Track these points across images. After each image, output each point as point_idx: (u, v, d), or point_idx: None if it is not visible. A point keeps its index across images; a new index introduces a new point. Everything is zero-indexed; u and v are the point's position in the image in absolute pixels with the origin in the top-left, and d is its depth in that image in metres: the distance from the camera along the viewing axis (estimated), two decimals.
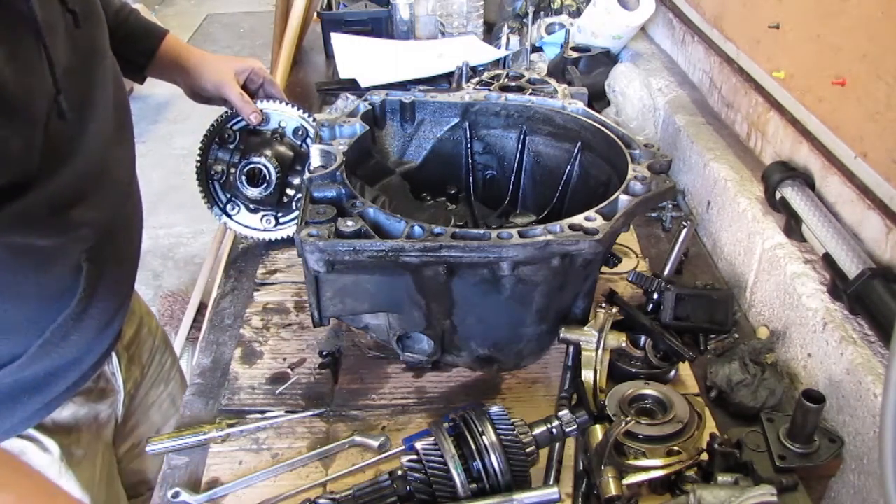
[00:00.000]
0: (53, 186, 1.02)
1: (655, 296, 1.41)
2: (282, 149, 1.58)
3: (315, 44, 2.97)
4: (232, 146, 1.60)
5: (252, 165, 1.57)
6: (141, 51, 1.46)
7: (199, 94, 1.56)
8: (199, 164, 1.62)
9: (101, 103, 1.15)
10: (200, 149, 1.61)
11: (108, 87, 1.18)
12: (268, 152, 1.56)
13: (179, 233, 4.24)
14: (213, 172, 1.62)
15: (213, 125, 1.61)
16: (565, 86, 1.72)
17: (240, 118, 1.58)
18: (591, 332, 1.29)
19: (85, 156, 1.09)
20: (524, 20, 2.59)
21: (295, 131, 1.60)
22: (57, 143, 1.01)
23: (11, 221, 0.98)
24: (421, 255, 1.12)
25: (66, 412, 1.27)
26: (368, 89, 2.24)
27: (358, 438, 1.24)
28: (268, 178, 1.56)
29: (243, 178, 1.58)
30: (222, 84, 1.51)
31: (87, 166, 1.10)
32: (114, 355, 1.39)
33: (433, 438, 1.05)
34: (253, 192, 1.59)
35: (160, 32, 1.53)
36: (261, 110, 1.56)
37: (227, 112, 1.59)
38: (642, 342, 1.35)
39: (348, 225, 1.13)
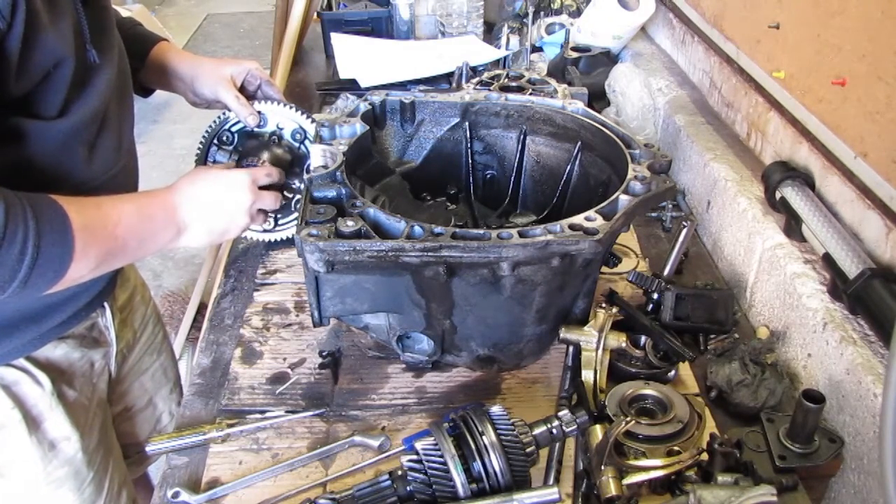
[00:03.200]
0: (64, 125, 1.12)
1: (655, 296, 1.41)
2: (279, 151, 1.57)
3: (315, 44, 2.97)
4: (230, 148, 1.60)
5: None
6: (133, 54, 1.47)
7: (198, 99, 1.57)
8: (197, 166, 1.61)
9: (108, 61, 1.21)
10: (199, 150, 1.61)
11: (114, 50, 1.24)
12: (265, 155, 1.55)
13: None
14: None
15: (210, 127, 1.61)
16: (565, 86, 1.72)
17: (237, 120, 1.58)
18: (591, 332, 1.29)
19: (93, 101, 1.16)
20: (524, 20, 2.59)
21: (293, 133, 1.60)
22: (77, 85, 1.12)
23: (21, 159, 1.09)
24: (421, 255, 1.12)
25: (59, 351, 1.32)
26: (368, 89, 2.25)
27: (358, 438, 1.24)
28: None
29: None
30: (218, 87, 1.52)
31: (91, 113, 1.17)
32: (108, 310, 1.43)
33: (433, 438, 1.05)
34: None
35: (153, 38, 1.55)
36: (258, 112, 1.56)
37: (224, 114, 1.59)
38: (642, 342, 1.35)
39: (348, 225, 1.13)
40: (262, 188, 1.34)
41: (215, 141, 1.61)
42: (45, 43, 1.04)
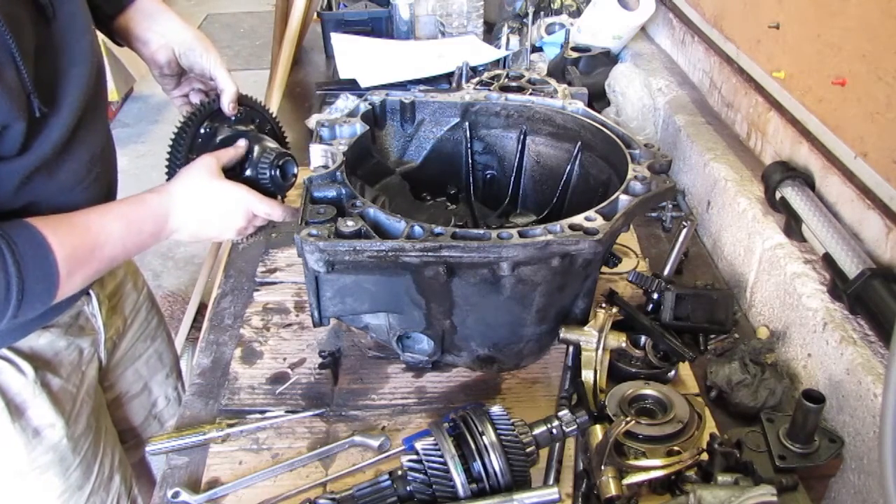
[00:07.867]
0: (25, 162, 1.10)
1: (655, 296, 1.41)
2: (270, 144, 1.37)
3: (315, 44, 2.97)
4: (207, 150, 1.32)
5: (285, 160, 1.35)
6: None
7: (182, 67, 1.39)
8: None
9: (73, 83, 1.16)
10: (170, 164, 1.33)
11: (84, 65, 1.18)
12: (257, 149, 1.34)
13: None
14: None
15: (183, 136, 1.32)
16: (565, 86, 1.72)
17: (207, 122, 1.34)
18: (591, 332, 1.29)
19: (54, 135, 1.13)
20: (524, 20, 2.59)
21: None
22: (33, 129, 1.08)
23: None
24: (421, 255, 1.12)
25: (42, 340, 1.31)
26: (368, 89, 2.25)
27: (358, 438, 1.24)
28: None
29: (276, 171, 1.35)
30: (209, 51, 1.36)
31: (55, 145, 1.14)
32: (94, 298, 1.41)
33: (433, 438, 1.05)
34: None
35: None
36: (238, 105, 1.36)
37: (198, 111, 1.33)
38: (642, 342, 1.35)
39: (348, 225, 1.13)
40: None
41: (192, 155, 1.31)
42: None
